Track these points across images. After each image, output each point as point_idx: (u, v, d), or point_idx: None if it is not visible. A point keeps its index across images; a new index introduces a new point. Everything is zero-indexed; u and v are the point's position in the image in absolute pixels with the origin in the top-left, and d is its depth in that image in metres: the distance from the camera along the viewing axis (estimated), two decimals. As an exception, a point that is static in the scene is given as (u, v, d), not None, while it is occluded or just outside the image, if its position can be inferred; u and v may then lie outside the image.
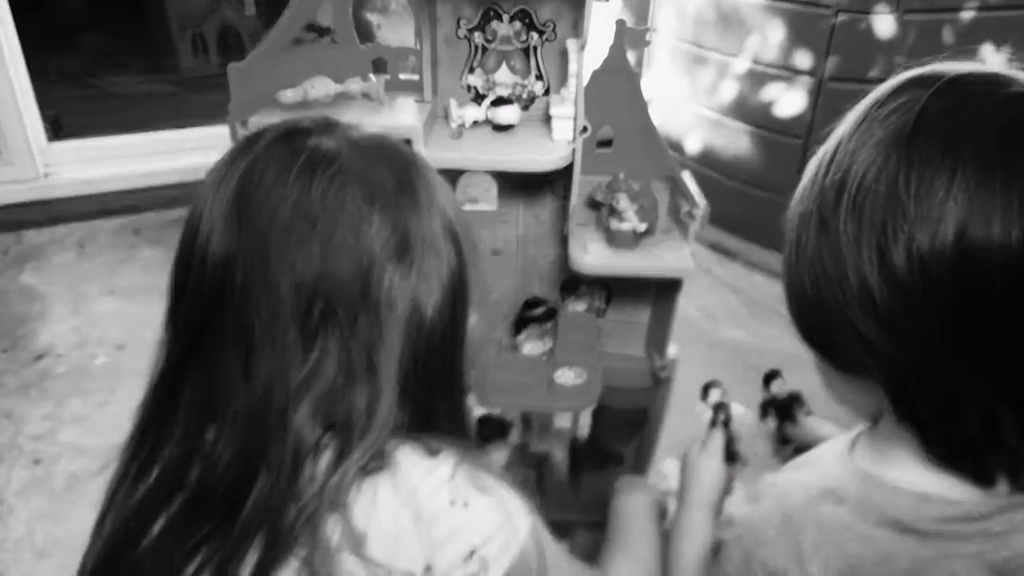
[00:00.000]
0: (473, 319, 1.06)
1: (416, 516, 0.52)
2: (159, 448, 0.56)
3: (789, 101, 2.01)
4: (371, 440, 0.53)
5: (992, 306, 0.45)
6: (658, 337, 1.14)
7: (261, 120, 0.95)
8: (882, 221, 0.46)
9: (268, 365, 0.52)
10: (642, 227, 0.99)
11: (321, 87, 0.99)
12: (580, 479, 1.30)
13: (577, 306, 1.21)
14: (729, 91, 2.18)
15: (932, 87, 0.46)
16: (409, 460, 0.54)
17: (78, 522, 1.34)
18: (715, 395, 1.04)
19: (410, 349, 0.56)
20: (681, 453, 1.24)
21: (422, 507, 0.52)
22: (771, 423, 1.06)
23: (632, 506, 0.94)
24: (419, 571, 0.52)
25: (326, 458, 0.53)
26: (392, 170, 0.57)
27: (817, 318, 0.53)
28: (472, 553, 0.53)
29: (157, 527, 0.54)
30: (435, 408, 0.59)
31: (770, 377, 1.08)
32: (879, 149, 0.47)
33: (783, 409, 1.04)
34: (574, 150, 0.97)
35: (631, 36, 1.02)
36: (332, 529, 0.50)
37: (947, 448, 0.50)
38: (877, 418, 0.57)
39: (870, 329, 0.48)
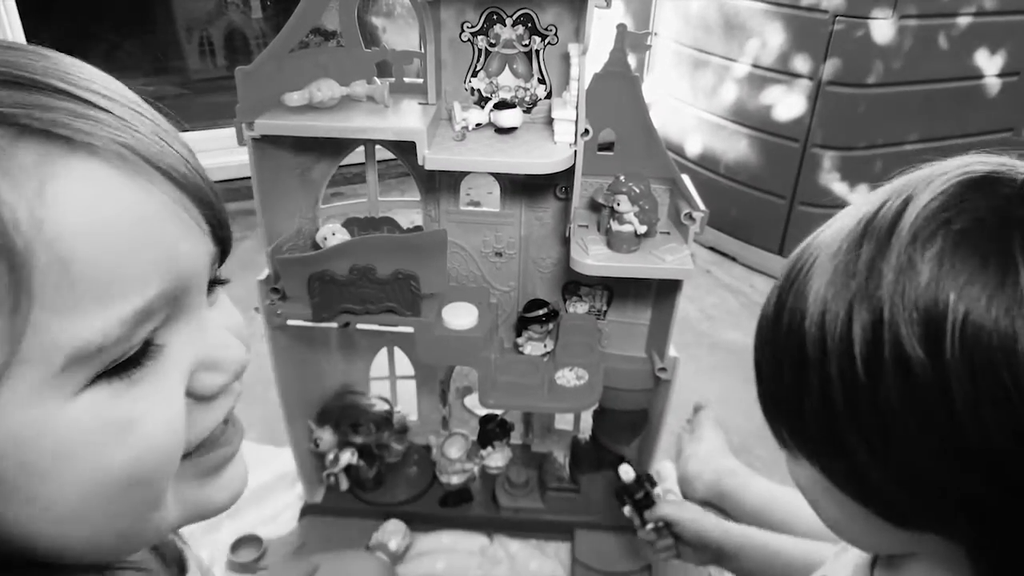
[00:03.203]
0: (472, 319, 1.07)
1: None
2: None
3: (788, 105, 2.02)
4: None
5: None
6: (659, 338, 1.15)
7: (267, 122, 0.96)
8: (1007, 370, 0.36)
9: None
10: (642, 229, 1.00)
11: (327, 90, 1.00)
12: (581, 480, 1.31)
13: (578, 308, 1.22)
14: (729, 94, 2.19)
15: (1005, 194, 0.39)
16: None
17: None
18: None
19: None
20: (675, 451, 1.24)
21: None
22: (627, 510, 1.07)
23: None
24: None
25: None
26: None
27: (903, 494, 0.42)
28: None
29: None
30: None
31: (617, 465, 1.08)
32: (968, 279, 0.38)
33: (634, 494, 1.05)
34: (576, 152, 0.98)
35: (632, 40, 1.03)
36: None
37: None
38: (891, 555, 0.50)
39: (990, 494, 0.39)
